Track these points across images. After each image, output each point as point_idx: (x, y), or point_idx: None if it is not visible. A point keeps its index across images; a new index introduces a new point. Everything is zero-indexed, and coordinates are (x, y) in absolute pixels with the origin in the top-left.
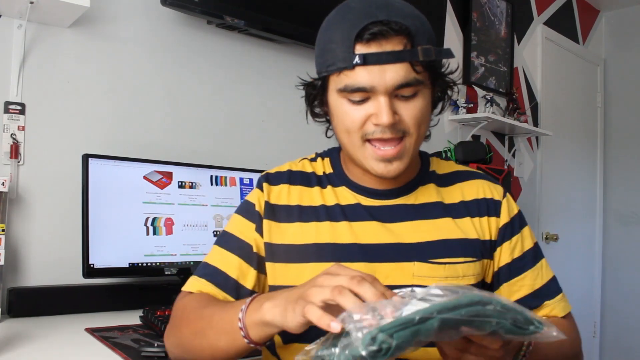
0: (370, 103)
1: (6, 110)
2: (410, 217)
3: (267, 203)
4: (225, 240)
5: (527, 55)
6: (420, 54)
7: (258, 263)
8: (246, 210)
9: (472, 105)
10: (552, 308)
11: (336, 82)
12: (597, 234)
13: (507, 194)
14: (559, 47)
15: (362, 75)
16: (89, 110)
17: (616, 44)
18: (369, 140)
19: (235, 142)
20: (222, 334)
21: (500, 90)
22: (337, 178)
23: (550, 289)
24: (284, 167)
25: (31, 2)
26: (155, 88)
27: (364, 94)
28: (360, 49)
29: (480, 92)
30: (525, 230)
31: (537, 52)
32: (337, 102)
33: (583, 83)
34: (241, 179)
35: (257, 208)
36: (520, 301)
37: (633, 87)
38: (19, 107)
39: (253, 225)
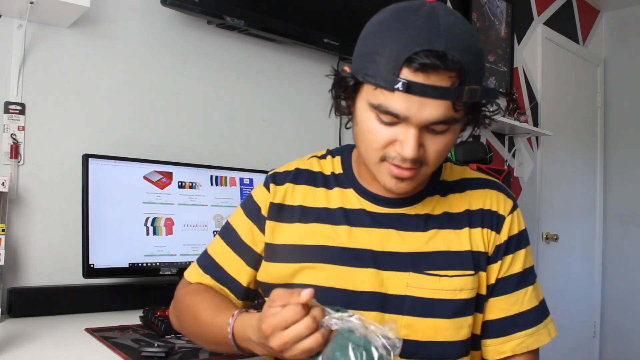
0: (399, 128)
1: (6, 110)
2: (411, 228)
3: (272, 204)
4: (228, 234)
5: (527, 55)
6: (466, 95)
7: (255, 262)
8: (250, 209)
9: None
10: (521, 342)
11: (370, 95)
12: (597, 234)
13: (516, 211)
14: (559, 47)
15: (400, 102)
16: (88, 110)
17: (616, 44)
18: (386, 160)
19: (235, 142)
20: (216, 343)
21: (500, 90)
22: (346, 180)
23: (528, 319)
24: (292, 166)
25: (31, 2)
26: (155, 88)
27: (396, 119)
28: (406, 74)
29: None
30: (520, 253)
31: (537, 52)
32: (365, 114)
33: (583, 83)
34: (241, 179)
35: (262, 212)
36: (491, 323)
37: (633, 87)
38: (19, 107)
39: (255, 227)
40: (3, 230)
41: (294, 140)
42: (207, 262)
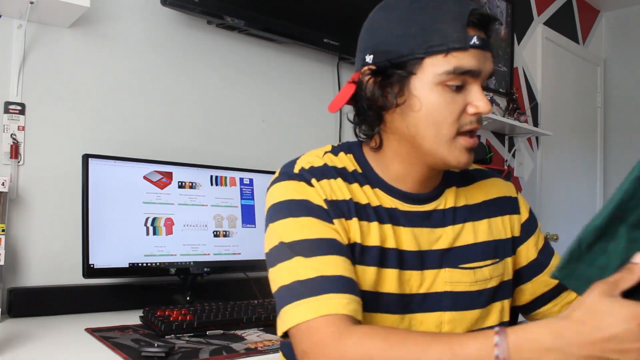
0: (466, 92)
1: (6, 110)
2: (440, 224)
3: (326, 200)
4: (303, 248)
5: (527, 55)
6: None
7: (350, 253)
8: (305, 209)
9: None
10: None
11: (439, 65)
12: None
13: (518, 191)
14: (559, 47)
15: (474, 59)
16: (88, 110)
17: (616, 44)
18: (459, 133)
19: (235, 142)
20: None
21: (500, 90)
22: (368, 178)
23: None
24: (315, 162)
25: (31, 2)
26: (155, 88)
27: (466, 79)
28: (473, 31)
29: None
30: (539, 225)
31: (537, 52)
32: (430, 89)
33: (583, 83)
34: (241, 179)
35: (317, 203)
36: (553, 290)
37: (633, 87)
38: (19, 107)
39: (323, 222)
40: (3, 230)
41: (294, 140)
42: (315, 286)
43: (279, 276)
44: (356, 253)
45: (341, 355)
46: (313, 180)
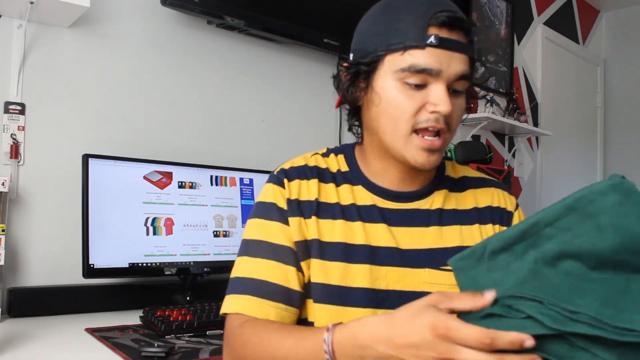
0: (427, 91)
1: (6, 110)
2: (423, 223)
3: (289, 200)
4: (254, 248)
5: (527, 55)
6: (475, 52)
7: (295, 261)
8: (267, 211)
9: (472, 105)
10: None
11: (396, 62)
12: None
13: (520, 208)
14: (559, 47)
15: (431, 57)
16: (88, 110)
17: (616, 44)
18: (415, 131)
19: (235, 142)
20: None
21: (500, 90)
22: (353, 176)
23: None
24: (299, 162)
25: (31, 2)
26: (155, 88)
27: (425, 78)
28: (434, 31)
29: (480, 92)
30: None
31: (537, 52)
32: (389, 86)
33: (583, 83)
34: (241, 179)
35: (280, 205)
36: None
37: (633, 87)
38: (19, 107)
39: (280, 224)
40: (3, 230)
41: (294, 140)
42: (249, 287)
43: (234, 267)
44: (314, 249)
45: (232, 344)
46: (285, 181)
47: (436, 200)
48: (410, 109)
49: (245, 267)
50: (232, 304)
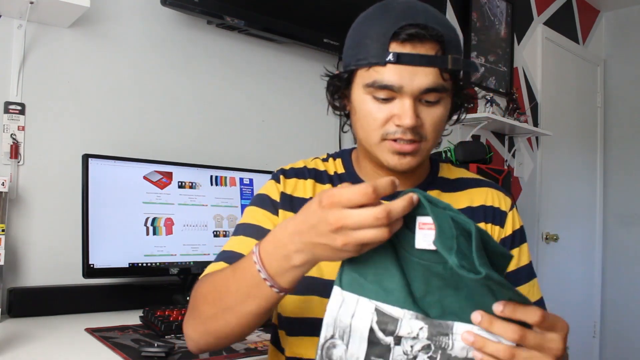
0: (395, 104)
1: (6, 110)
2: None
3: (283, 194)
4: (241, 229)
5: (527, 55)
6: (450, 62)
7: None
8: (261, 201)
9: (472, 105)
10: None
11: (364, 77)
12: (597, 234)
13: (515, 208)
14: (559, 47)
15: (392, 74)
16: (88, 110)
17: (616, 44)
18: (386, 140)
19: (235, 142)
20: (248, 298)
21: (500, 90)
22: (348, 178)
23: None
24: (299, 164)
25: (31, 2)
26: (155, 88)
27: (390, 92)
28: (395, 47)
29: (480, 92)
30: (524, 247)
31: (537, 52)
32: (360, 98)
33: (583, 83)
34: (241, 179)
35: (273, 197)
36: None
37: (633, 87)
38: (19, 107)
39: (269, 213)
40: (3, 230)
41: (294, 140)
42: (223, 255)
43: None
44: (285, 203)
45: (194, 292)
46: (281, 177)
47: None
48: (379, 121)
49: (229, 243)
50: (208, 269)
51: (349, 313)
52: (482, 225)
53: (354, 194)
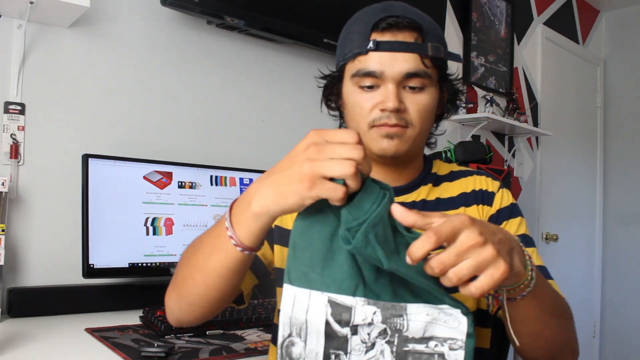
0: (379, 91)
1: (6, 110)
2: None
3: None
4: None
5: (527, 55)
6: (430, 49)
7: (270, 237)
8: None
9: (472, 105)
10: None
11: (350, 69)
12: (597, 234)
13: (504, 189)
14: (559, 47)
15: (374, 61)
16: (88, 110)
17: (616, 44)
18: (374, 127)
19: (235, 142)
20: (211, 253)
21: (500, 90)
22: None
23: (544, 274)
24: None
25: (31, 2)
26: (155, 88)
27: (374, 80)
28: (376, 36)
29: (480, 92)
30: (515, 220)
31: (537, 52)
32: (349, 90)
33: (583, 83)
34: (241, 179)
35: None
36: None
37: (633, 87)
38: (19, 107)
39: None
40: (3, 230)
41: (294, 140)
42: None
43: None
44: (275, 235)
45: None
46: None
47: (421, 194)
48: (366, 109)
49: None
50: None
51: (303, 309)
52: (474, 207)
53: (342, 132)
